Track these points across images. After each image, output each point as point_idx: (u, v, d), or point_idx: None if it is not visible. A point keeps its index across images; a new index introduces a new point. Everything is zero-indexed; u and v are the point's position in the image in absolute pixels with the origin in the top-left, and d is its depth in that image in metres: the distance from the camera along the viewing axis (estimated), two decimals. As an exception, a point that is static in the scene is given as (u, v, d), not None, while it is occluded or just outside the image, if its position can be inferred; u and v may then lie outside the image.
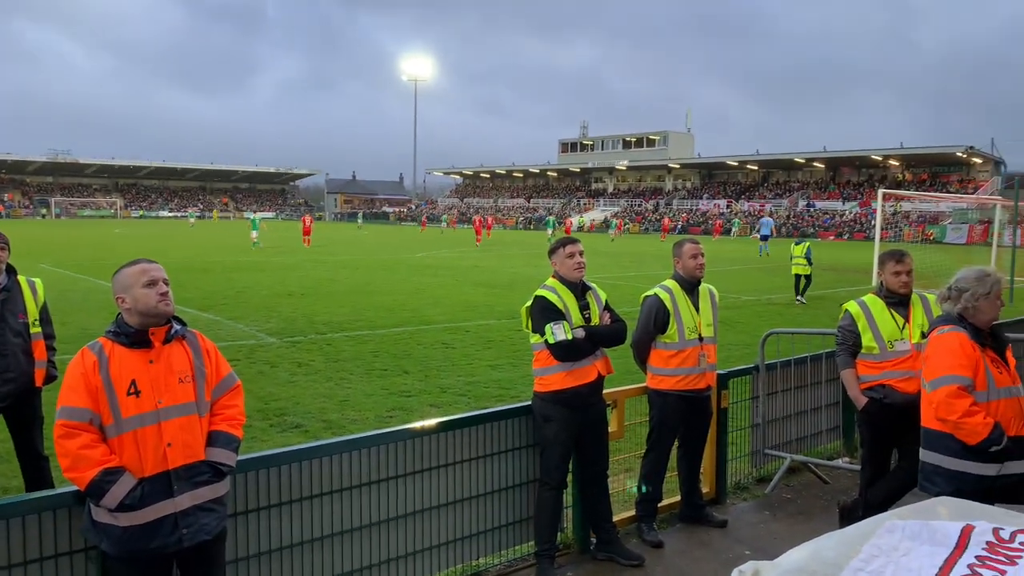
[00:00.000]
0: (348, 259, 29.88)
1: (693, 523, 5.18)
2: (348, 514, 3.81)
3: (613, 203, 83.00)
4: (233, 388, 3.23)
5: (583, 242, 4.69)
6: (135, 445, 2.89)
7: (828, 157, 68.89)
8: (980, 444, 3.56)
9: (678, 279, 5.02)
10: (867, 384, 4.76)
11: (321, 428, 7.12)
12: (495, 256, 32.96)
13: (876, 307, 4.78)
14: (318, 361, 10.19)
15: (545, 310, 4.38)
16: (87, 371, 2.89)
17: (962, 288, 3.83)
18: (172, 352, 3.05)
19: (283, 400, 8.10)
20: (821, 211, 65.05)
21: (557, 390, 4.40)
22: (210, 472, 3.01)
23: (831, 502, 5.49)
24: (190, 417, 3.00)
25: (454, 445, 4.23)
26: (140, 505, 2.84)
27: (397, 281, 21.24)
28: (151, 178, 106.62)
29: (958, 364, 3.63)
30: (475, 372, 9.64)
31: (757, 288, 20.70)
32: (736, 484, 5.86)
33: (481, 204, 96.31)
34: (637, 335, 4.99)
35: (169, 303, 3.05)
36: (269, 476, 3.58)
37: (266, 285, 19.48)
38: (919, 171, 65.26)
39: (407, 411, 7.76)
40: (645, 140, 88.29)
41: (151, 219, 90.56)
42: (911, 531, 2.58)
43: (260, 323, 13.33)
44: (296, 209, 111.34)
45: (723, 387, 5.55)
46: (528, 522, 4.56)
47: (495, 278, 22.62)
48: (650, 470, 5.03)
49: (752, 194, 74.48)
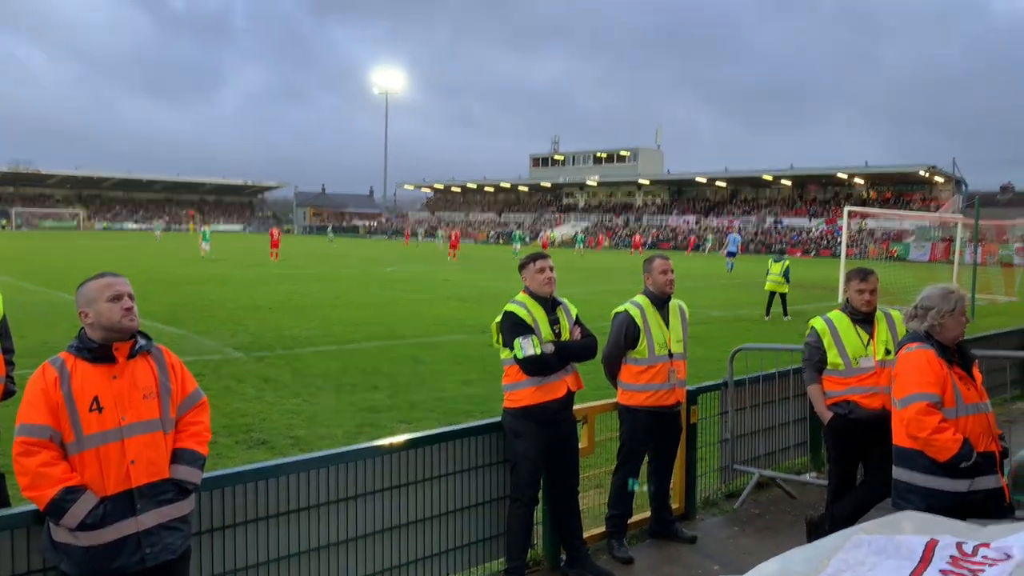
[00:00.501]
0: (317, 272, 29.65)
1: (663, 539, 5.19)
2: (316, 532, 3.76)
3: (584, 218, 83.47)
4: (199, 404, 3.18)
5: (553, 257, 4.70)
6: (97, 463, 2.83)
7: (795, 175, 70.01)
8: (951, 460, 3.60)
9: (648, 295, 5.06)
10: (832, 400, 4.82)
11: (289, 445, 7.03)
12: (466, 270, 32.92)
13: (842, 324, 4.86)
14: (286, 376, 10.07)
15: (514, 325, 4.37)
16: (47, 387, 2.83)
17: (927, 306, 3.89)
18: (136, 367, 3.00)
19: (250, 416, 7.99)
20: (788, 228, 66.03)
21: (526, 405, 4.39)
22: (175, 490, 2.96)
23: (799, 517, 5.53)
24: (154, 434, 2.95)
25: (424, 462, 4.19)
26: (101, 524, 2.78)
27: (367, 295, 21.12)
28: (116, 189, 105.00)
29: (927, 382, 3.68)
30: (445, 387, 9.60)
31: (726, 304, 20.91)
32: (705, 499, 5.89)
33: (452, 218, 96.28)
34: (608, 350, 5.01)
35: (134, 319, 3.00)
36: (235, 494, 3.52)
37: (233, 299, 19.25)
38: (883, 189, 66.56)
39: (376, 427, 7.70)
40: (616, 156, 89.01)
41: (116, 231, 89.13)
42: (877, 546, 2.61)
43: (227, 337, 13.15)
44: (264, 222, 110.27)
45: (692, 403, 5.58)
46: (499, 539, 4.53)
47: (466, 292, 22.59)
48: (620, 485, 5.03)
49: (721, 211, 75.37)
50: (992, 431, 3.80)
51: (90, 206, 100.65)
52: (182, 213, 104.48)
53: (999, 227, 29.47)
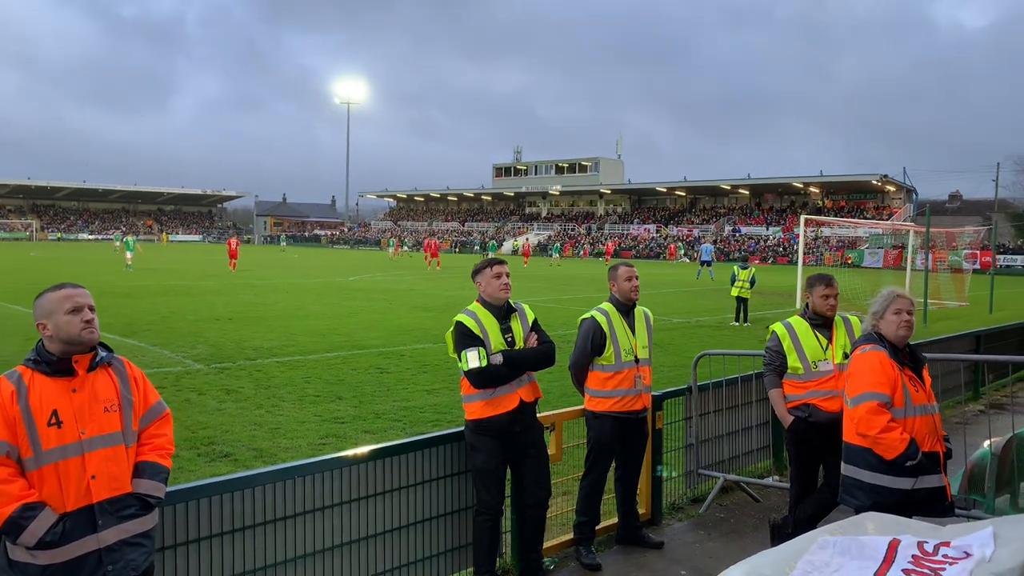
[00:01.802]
0: (278, 283, 29.29)
1: (630, 545, 5.21)
2: (281, 545, 3.71)
3: (547, 227, 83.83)
4: (161, 416, 3.12)
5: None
6: (56, 478, 2.76)
7: (752, 184, 71.21)
8: (897, 459, 3.72)
9: (614, 302, 5.09)
10: (793, 403, 4.91)
11: (252, 457, 6.92)
12: (430, 279, 32.81)
13: (801, 328, 4.95)
14: (248, 388, 9.92)
15: (462, 336, 4.29)
16: (4, 401, 2.76)
17: (873, 304, 4.08)
18: (97, 380, 2.93)
19: (212, 428, 7.85)
20: (746, 236, 67.08)
21: (477, 419, 4.33)
22: (137, 505, 2.90)
23: (763, 520, 5.61)
24: (116, 448, 2.89)
25: (389, 472, 4.16)
26: (61, 542, 2.71)
27: (329, 305, 20.91)
28: (70, 199, 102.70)
29: (877, 382, 3.80)
30: (410, 397, 9.54)
31: (687, 311, 21.15)
32: (671, 504, 5.93)
33: (415, 227, 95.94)
34: (575, 357, 5.02)
35: (94, 331, 2.94)
36: (199, 508, 3.46)
37: (193, 310, 18.92)
38: (838, 198, 68.02)
39: (341, 438, 7.62)
40: (577, 166, 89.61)
41: (70, 242, 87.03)
42: (842, 547, 2.67)
43: (187, 349, 12.92)
44: (224, 232, 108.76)
45: (658, 408, 5.63)
46: (467, 549, 4.52)
47: (430, 301, 22.50)
48: (589, 492, 5.04)
49: (680, 219, 76.29)
50: (938, 432, 3.93)
51: (43, 216, 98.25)
52: (140, 223, 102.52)
53: (949, 234, 30.30)
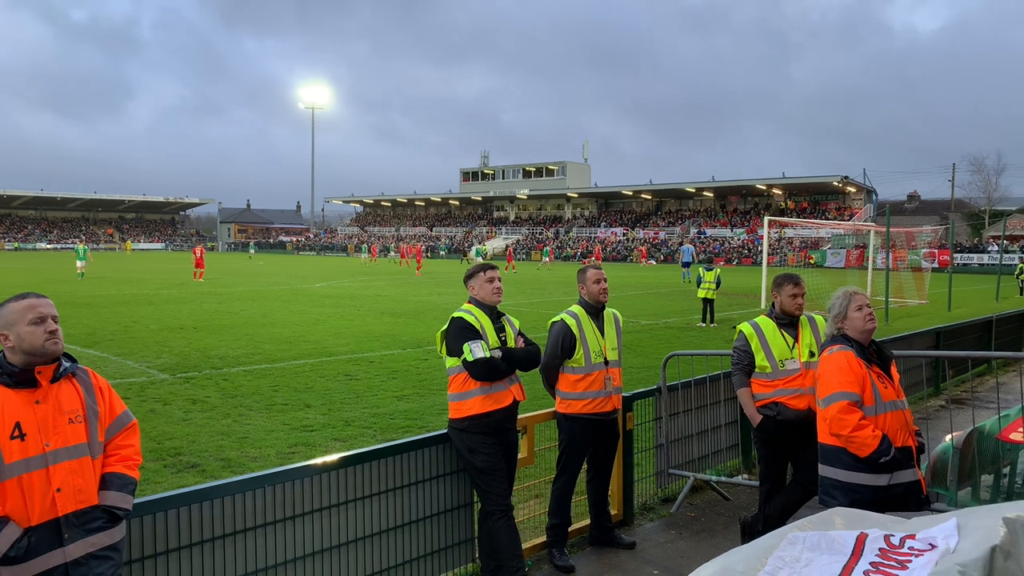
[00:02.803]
0: (244, 290, 28.92)
1: (603, 546, 5.24)
2: (252, 555, 3.67)
3: (515, 231, 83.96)
4: (128, 427, 3.07)
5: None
6: (20, 492, 2.70)
7: (716, 187, 72.06)
8: (870, 456, 3.77)
9: (583, 304, 5.12)
10: (761, 402, 4.97)
11: (219, 467, 6.82)
12: (399, 284, 32.65)
13: (768, 328, 5.02)
14: (214, 397, 9.78)
15: (463, 330, 4.41)
16: (-36, 415, 2.69)
17: (831, 309, 4.16)
18: (61, 391, 2.88)
19: (178, 439, 7.72)
20: (711, 238, 67.84)
21: (474, 415, 4.38)
22: (105, 517, 2.85)
23: (733, 518, 5.67)
24: (82, 459, 2.83)
25: (362, 479, 4.13)
26: (26, 557, 2.65)
27: (296, 312, 20.71)
28: (27, 208, 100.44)
29: (847, 381, 3.86)
30: (381, 403, 9.48)
31: (654, 312, 21.31)
32: (643, 505, 5.97)
33: (382, 233, 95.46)
34: (545, 360, 5.05)
35: (58, 342, 2.88)
36: (167, 519, 3.40)
37: (156, 319, 18.61)
38: (800, 199, 69.12)
39: (310, 446, 7.54)
40: (544, 170, 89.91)
41: (28, 251, 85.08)
42: (811, 542, 2.71)
43: (151, 359, 12.70)
44: (187, 240, 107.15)
45: (628, 409, 5.67)
46: (443, 553, 4.50)
47: (399, 307, 22.40)
48: (560, 494, 5.06)
49: (647, 222, 76.91)
50: (909, 427, 4.00)
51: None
52: (100, 232, 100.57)
53: (908, 234, 30.95)
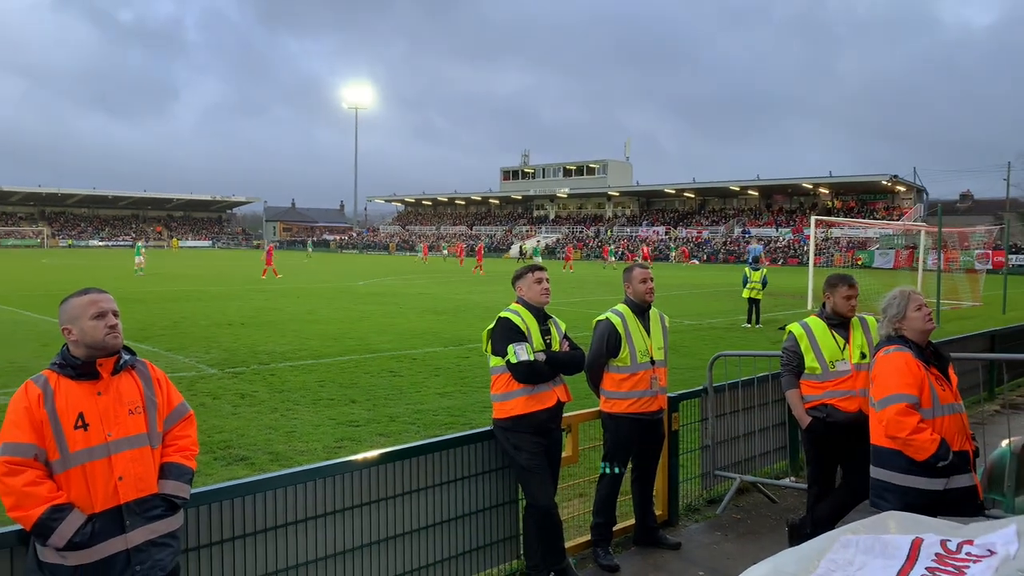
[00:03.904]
0: (289, 288, 29.40)
1: (647, 546, 5.21)
2: (303, 547, 3.73)
3: (555, 230, 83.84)
4: (185, 418, 3.15)
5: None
6: (84, 480, 2.79)
7: (761, 185, 71.05)
8: (928, 460, 3.68)
9: (629, 303, 5.11)
10: (810, 403, 4.90)
11: (268, 460, 6.95)
12: (441, 283, 32.85)
13: (818, 329, 4.94)
14: (262, 392, 9.96)
15: (508, 330, 4.43)
16: (31, 405, 2.79)
17: (886, 309, 4.03)
18: (121, 383, 2.96)
19: (227, 432, 7.89)
20: (756, 237, 66.90)
21: (518, 415, 4.40)
22: (164, 506, 2.92)
23: (780, 521, 5.60)
24: (142, 449, 2.92)
25: (408, 474, 4.16)
26: (90, 543, 2.73)
27: (340, 309, 20.97)
28: (80, 206, 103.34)
29: (905, 383, 3.76)
30: (424, 400, 9.56)
31: (698, 312, 21.11)
32: (687, 506, 5.93)
33: (423, 231, 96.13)
34: (590, 359, 5.03)
35: (118, 336, 2.97)
36: (222, 509, 3.48)
37: (205, 315, 19.01)
38: (847, 199, 67.80)
39: (356, 441, 7.64)
40: (585, 168, 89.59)
41: (81, 248, 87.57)
42: (864, 545, 2.66)
43: (200, 354, 12.99)
44: (233, 238, 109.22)
45: (674, 410, 5.63)
46: (487, 549, 4.52)
47: (441, 305, 22.54)
48: (605, 493, 5.05)
49: (689, 221, 76.17)
50: (966, 431, 3.89)
51: (54, 224, 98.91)
52: (149, 229, 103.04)
53: (961, 234, 30.13)
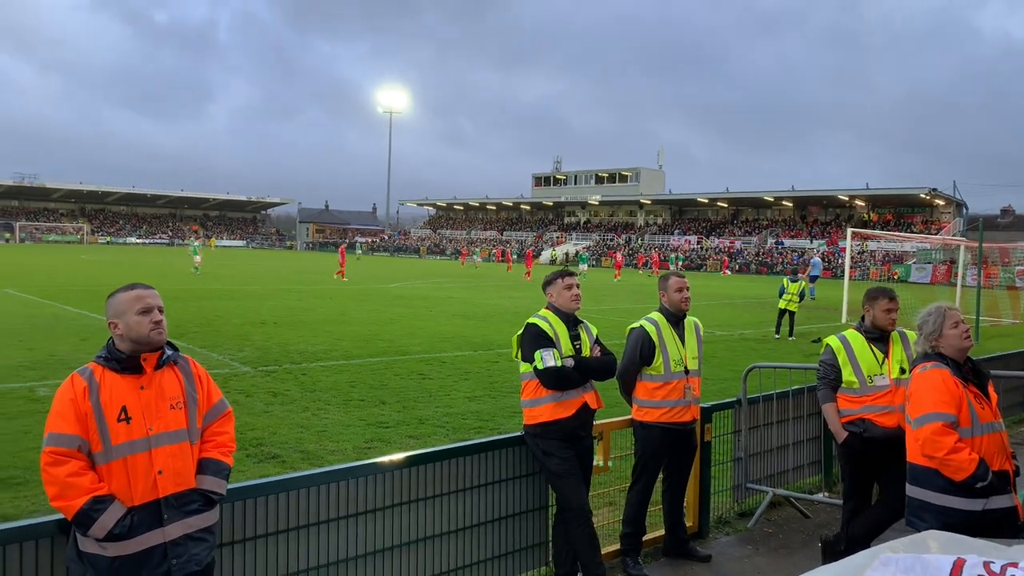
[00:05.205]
0: (321, 288, 29.66)
1: (677, 557, 5.16)
2: (335, 546, 3.74)
3: (585, 237, 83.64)
4: (224, 414, 3.18)
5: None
6: (125, 473, 2.83)
7: (796, 196, 70.20)
8: (966, 480, 3.59)
9: (664, 312, 5.08)
10: (847, 418, 4.82)
11: (299, 459, 7.01)
12: (470, 288, 32.92)
13: (856, 342, 4.86)
14: (294, 391, 10.06)
15: (536, 337, 4.41)
16: (77, 397, 2.83)
17: (922, 326, 3.94)
18: (164, 378, 3.00)
19: (259, 430, 7.97)
20: (790, 249, 66.10)
21: (546, 422, 4.38)
22: (201, 501, 2.96)
23: (812, 536, 5.52)
24: (181, 444, 2.95)
25: (438, 477, 4.17)
26: (129, 535, 2.77)
27: (372, 311, 21.11)
28: (119, 204, 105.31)
29: (942, 401, 3.68)
30: (453, 403, 9.58)
31: (729, 323, 20.90)
32: (718, 518, 5.86)
33: (454, 236, 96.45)
34: (623, 366, 5.01)
35: (162, 332, 3.01)
36: (256, 506, 3.51)
37: (238, 314, 19.25)
38: (884, 211, 66.71)
39: (385, 442, 7.68)
40: (617, 176, 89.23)
41: (119, 245, 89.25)
42: (904, 565, 2.60)
43: (233, 352, 13.15)
44: (267, 238, 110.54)
45: (707, 420, 5.58)
46: (516, 555, 4.51)
47: (470, 309, 22.59)
48: (635, 503, 5.01)
49: (722, 231, 75.51)
50: (1006, 450, 3.80)
51: (94, 220, 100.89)
52: (186, 228, 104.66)
53: (1003, 249, 29.48)
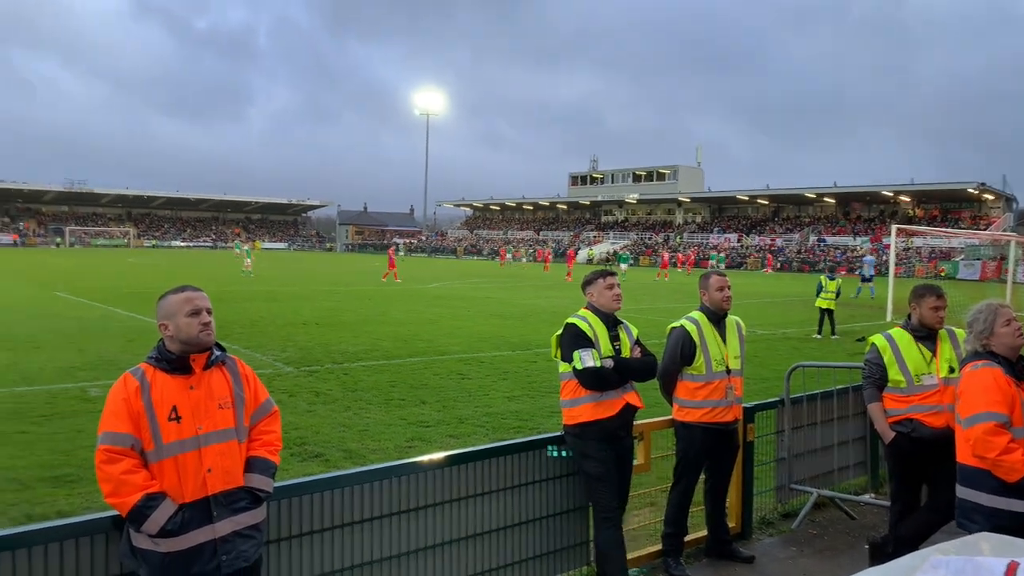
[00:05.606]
0: (363, 289, 29.98)
1: (720, 558, 5.12)
2: (377, 544, 3.79)
3: (623, 236, 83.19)
4: (271, 414, 3.24)
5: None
6: (175, 471, 2.90)
7: (839, 192, 68.99)
8: (1020, 481, 3.51)
9: (705, 311, 5.03)
10: (894, 418, 4.73)
11: (341, 458, 7.10)
12: (507, 288, 32.98)
13: (903, 340, 4.77)
14: (336, 390, 10.19)
15: (575, 337, 4.39)
16: (129, 396, 2.91)
17: (972, 324, 3.85)
18: (212, 378, 3.07)
19: (303, 429, 8.09)
20: (832, 246, 64.97)
21: (585, 422, 4.37)
22: (248, 498, 3.02)
23: (859, 538, 5.43)
24: (230, 443, 3.02)
25: (479, 476, 4.19)
26: (181, 531, 2.84)
27: (411, 312, 21.27)
28: (164, 208, 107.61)
29: (993, 400, 3.60)
30: (492, 403, 9.62)
31: (771, 322, 20.62)
32: (762, 519, 5.79)
33: (491, 236, 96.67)
34: (663, 366, 4.98)
35: (211, 333, 3.08)
36: (301, 504, 3.57)
37: (281, 315, 19.55)
38: (930, 207, 65.22)
39: (426, 442, 7.74)
40: (655, 174, 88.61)
41: (164, 249, 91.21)
42: (956, 567, 2.56)
43: (277, 352, 13.37)
44: (307, 240, 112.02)
45: (749, 420, 5.52)
46: (557, 554, 4.52)
47: (508, 309, 22.64)
48: (676, 503, 4.98)
49: (763, 229, 74.53)
50: None
51: (139, 224, 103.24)
52: (228, 231, 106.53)
53: (1055, 245, 28.62)
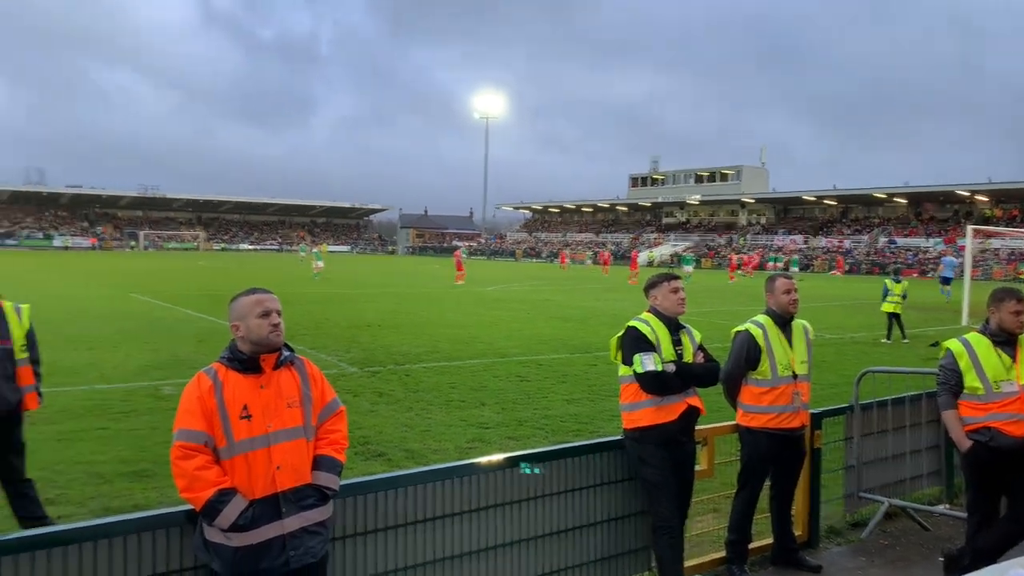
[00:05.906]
0: (420, 292, 30.33)
1: (785, 566, 5.01)
2: (438, 544, 3.82)
3: (684, 238, 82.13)
4: (337, 413, 3.31)
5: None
6: (246, 467, 2.98)
7: (910, 192, 66.82)
8: None
9: (771, 314, 4.94)
10: (971, 426, 4.56)
11: (403, 457, 7.19)
12: (566, 291, 32.93)
13: (980, 346, 4.60)
14: (398, 391, 10.34)
15: (636, 340, 4.35)
16: (203, 395, 3.01)
17: None
18: (281, 378, 3.15)
19: (366, 429, 8.22)
20: (903, 248, 62.91)
21: (645, 426, 4.32)
22: (316, 496, 3.08)
23: (932, 550, 5.25)
24: (298, 441, 3.09)
25: (539, 478, 4.19)
26: (251, 526, 2.92)
27: (470, 314, 21.42)
28: (233, 212, 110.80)
29: None
30: (551, 406, 9.61)
31: (839, 326, 20.09)
32: (829, 528, 5.65)
33: (550, 238, 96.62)
34: (727, 369, 4.90)
35: (280, 334, 3.17)
36: (367, 503, 3.62)
37: (344, 316, 19.92)
38: (1009, 207, 62.56)
39: (486, 443, 7.78)
40: (718, 175, 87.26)
41: (232, 252, 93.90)
42: (1038, 581, 2.46)
43: (341, 353, 13.63)
44: (370, 243, 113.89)
45: (816, 427, 5.38)
46: (617, 559, 4.49)
47: (567, 312, 22.59)
48: (740, 510, 4.90)
49: (830, 230, 72.66)
50: None
51: (209, 228, 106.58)
52: (293, 235, 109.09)
53: None
